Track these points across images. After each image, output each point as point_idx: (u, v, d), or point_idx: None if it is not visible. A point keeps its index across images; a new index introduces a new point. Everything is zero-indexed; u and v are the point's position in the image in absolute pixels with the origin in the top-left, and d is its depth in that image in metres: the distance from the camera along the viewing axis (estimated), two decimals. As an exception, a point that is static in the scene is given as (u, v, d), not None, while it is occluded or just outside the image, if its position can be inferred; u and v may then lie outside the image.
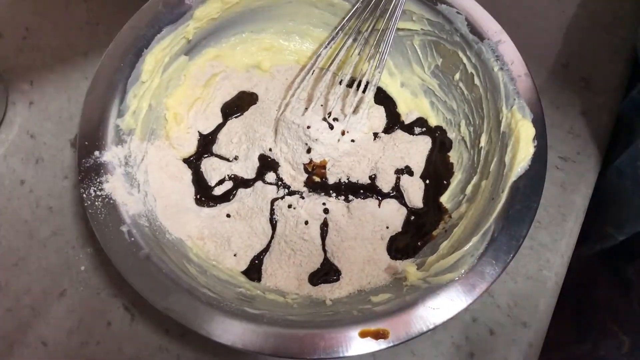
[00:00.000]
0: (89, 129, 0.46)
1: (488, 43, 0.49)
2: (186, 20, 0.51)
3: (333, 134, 0.50)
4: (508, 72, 0.48)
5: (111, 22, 0.59)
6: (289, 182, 0.50)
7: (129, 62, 0.48)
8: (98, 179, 0.44)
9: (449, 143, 0.53)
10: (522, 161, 0.45)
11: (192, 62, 0.54)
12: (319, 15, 0.56)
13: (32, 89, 0.56)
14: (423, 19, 0.52)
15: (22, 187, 0.52)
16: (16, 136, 0.54)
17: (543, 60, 0.59)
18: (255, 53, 0.56)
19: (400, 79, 0.56)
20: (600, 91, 0.57)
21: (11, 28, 0.59)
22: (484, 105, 0.49)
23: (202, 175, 0.51)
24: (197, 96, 0.53)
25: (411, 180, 0.51)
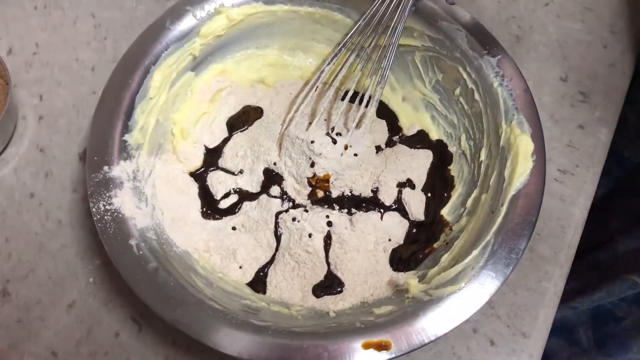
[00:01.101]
0: (98, 144, 0.47)
1: (488, 59, 0.50)
2: (192, 37, 0.52)
3: (336, 149, 0.51)
4: (507, 88, 0.49)
5: (118, 38, 0.61)
6: (293, 196, 0.51)
7: (137, 78, 0.49)
8: (107, 193, 0.45)
9: (450, 157, 0.54)
10: (521, 175, 0.46)
11: (199, 77, 0.55)
12: (322, 31, 0.57)
13: (42, 103, 0.58)
14: (424, 36, 0.53)
15: (32, 200, 0.53)
16: (26, 150, 0.56)
17: (543, 74, 0.60)
18: (259, 68, 0.57)
19: (402, 93, 0.57)
20: (598, 105, 0.58)
21: (21, 44, 0.60)
22: (484, 120, 0.50)
23: (208, 188, 0.52)
24: (204, 111, 0.55)
25: (413, 193, 0.52)
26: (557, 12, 0.63)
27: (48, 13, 0.62)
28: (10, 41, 0.61)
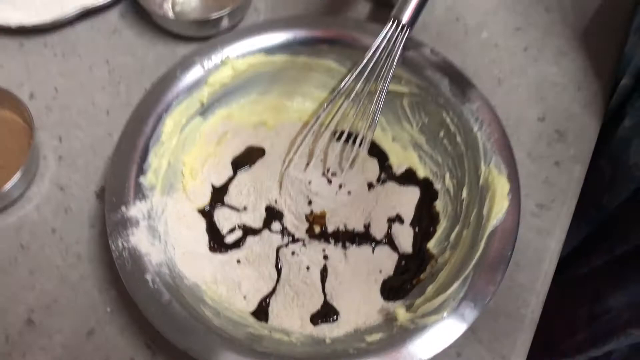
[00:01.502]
0: (116, 186, 0.52)
1: (468, 106, 0.56)
2: (201, 85, 0.57)
3: (331, 188, 0.56)
4: (486, 132, 0.54)
5: (130, 82, 0.66)
6: (292, 231, 0.56)
7: (151, 125, 0.55)
8: (125, 232, 0.50)
9: (435, 193, 0.59)
10: (497, 213, 0.51)
11: (206, 122, 0.60)
12: (318, 78, 0.62)
13: (61, 144, 0.63)
14: (411, 83, 0.59)
15: (53, 236, 0.58)
16: (47, 188, 0.60)
17: (522, 114, 0.65)
18: (261, 112, 0.63)
19: (392, 134, 0.62)
20: (573, 143, 0.63)
21: (42, 89, 0.65)
22: (465, 161, 0.56)
23: (215, 224, 0.57)
24: (211, 152, 0.60)
25: (401, 228, 0.57)
26: (535, 57, 0.68)
27: (66, 60, 0.67)
28: (31, 86, 0.66)
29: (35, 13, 0.67)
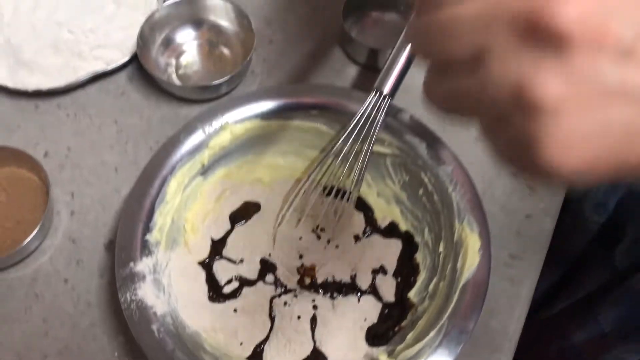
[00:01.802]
0: (124, 244, 0.57)
1: (444, 168, 0.61)
2: (202, 148, 0.63)
3: (320, 243, 0.62)
4: (460, 193, 0.60)
5: (137, 142, 0.72)
6: (285, 282, 0.62)
7: (156, 186, 0.60)
8: (133, 286, 0.55)
9: (416, 246, 0.64)
10: (470, 267, 0.56)
11: (206, 181, 0.66)
12: (309, 139, 0.68)
13: (73, 200, 0.68)
14: (393, 145, 0.65)
15: (65, 285, 0.63)
16: (60, 241, 0.66)
17: (496, 171, 0.70)
18: (257, 170, 0.68)
19: (377, 189, 0.68)
20: (543, 197, 0.69)
21: (56, 148, 0.71)
22: (442, 217, 0.61)
23: (214, 275, 0.62)
24: (210, 209, 0.65)
25: (385, 279, 0.62)
26: (508, 116, 0.74)
27: (78, 120, 0.73)
28: (46, 146, 0.71)
29: (50, 78, 0.73)
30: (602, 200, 0.62)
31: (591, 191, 0.65)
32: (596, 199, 0.63)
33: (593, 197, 0.64)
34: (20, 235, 0.63)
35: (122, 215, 0.59)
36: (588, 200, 0.65)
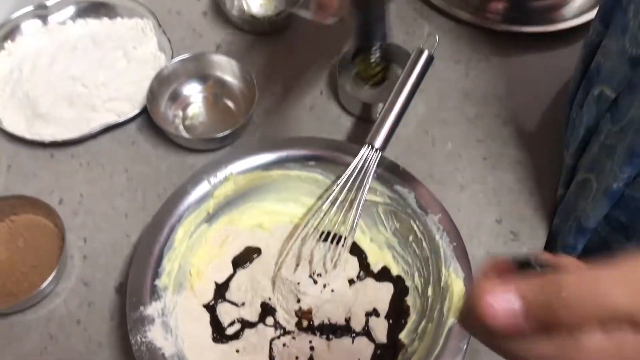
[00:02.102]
0: (135, 288, 0.62)
1: (431, 217, 0.66)
2: (207, 198, 0.68)
3: (317, 287, 0.66)
4: (446, 240, 0.65)
5: (146, 189, 0.77)
6: (284, 325, 0.66)
7: (165, 234, 0.65)
8: (143, 328, 0.59)
9: (406, 290, 0.68)
10: (455, 311, 0.61)
11: (211, 227, 0.70)
12: (307, 187, 0.73)
13: (86, 245, 0.73)
14: (384, 194, 0.70)
15: (78, 326, 0.67)
16: (73, 284, 0.70)
17: (481, 217, 0.75)
18: (258, 216, 0.73)
19: (370, 235, 0.73)
20: (526, 242, 0.73)
21: (70, 195, 0.76)
22: (430, 263, 0.66)
23: (218, 318, 0.66)
24: (214, 254, 0.70)
25: (377, 321, 0.66)
26: (493, 165, 0.79)
27: (90, 169, 0.78)
28: (60, 193, 0.76)
29: (65, 129, 0.78)
30: (572, 242, 0.66)
31: (563, 233, 0.69)
32: (566, 241, 0.68)
33: (563, 238, 0.69)
34: (37, 279, 0.67)
35: (133, 262, 0.63)
36: (559, 240, 0.70)
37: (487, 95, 0.85)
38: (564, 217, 0.70)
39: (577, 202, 0.66)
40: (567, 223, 0.68)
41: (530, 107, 0.84)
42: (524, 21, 0.90)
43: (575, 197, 0.67)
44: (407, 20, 0.93)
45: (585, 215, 0.63)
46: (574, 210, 0.67)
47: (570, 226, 0.67)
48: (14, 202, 0.71)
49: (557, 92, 0.85)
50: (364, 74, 0.61)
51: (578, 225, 0.65)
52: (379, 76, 0.66)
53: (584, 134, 0.64)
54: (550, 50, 0.90)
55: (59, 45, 0.85)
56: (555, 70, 0.87)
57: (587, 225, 0.63)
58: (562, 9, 0.92)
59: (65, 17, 0.89)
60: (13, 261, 0.69)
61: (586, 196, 0.63)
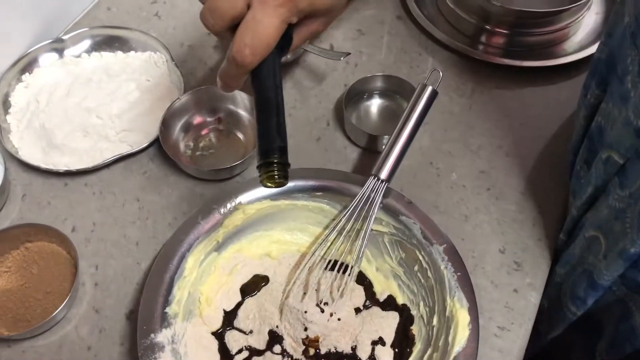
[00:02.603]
0: (146, 316, 0.63)
1: (436, 247, 0.68)
2: (217, 227, 0.70)
3: (324, 316, 0.67)
4: (451, 270, 0.66)
5: (157, 218, 0.79)
6: (291, 353, 0.67)
7: (175, 263, 0.67)
8: (153, 355, 0.61)
9: (412, 319, 0.69)
10: (460, 341, 0.62)
11: (220, 256, 0.72)
12: (314, 217, 0.75)
13: (97, 272, 0.74)
14: (390, 225, 0.71)
15: (88, 353, 0.69)
16: (85, 310, 0.71)
17: (485, 247, 0.76)
18: (266, 245, 0.75)
19: (375, 264, 0.74)
20: (529, 273, 0.74)
21: (83, 223, 0.78)
22: (435, 292, 0.67)
23: (226, 345, 0.67)
24: (223, 282, 0.71)
25: (383, 350, 0.67)
26: (496, 196, 0.81)
27: (103, 197, 0.80)
28: (73, 221, 0.78)
29: (79, 159, 0.81)
30: (582, 296, 0.67)
31: (570, 282, 0.70)
32: (575, 292, 0.68)
33: (572, 289, 0.69)
34: (49, 305, 0.69)
35: (144, 289, 0.65)
36: (566, 289, 0.71)
37: (490, 127, 0.87)
38: (570, 269, 0.71)
39: (585, 256, 0.67)
40: (573, 274, 0.69)
41: (533, 139, 0.86)
42: (525, 55, 0.92)
43: (582, 252, 0.68)
44: (411, 54, 0.96)
45: (599, 272, 0.63)
46: (581, 264, 0.68)
47: (579, 279, 0.68)
48: (28, 230, 0.73)
49: (559, 126, 0.87)
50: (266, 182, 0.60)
51: (590, 280, 0.65)
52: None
53: (592, 192, 0.66)
54: (552, 84, 0.92)
55: (75, 77, 0.88)
56: (556, 103, 0.89)
57: (601, 282, 0.63)
58: (563, 43, 0.94)
59: (80, 51, 0.92)
60: (27, 288, 0.70)
61: (595, 253, 0.64)
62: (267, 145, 0.58)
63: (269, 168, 0.57)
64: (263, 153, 0.58)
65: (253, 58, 0.56)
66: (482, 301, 0.71)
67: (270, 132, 0.57)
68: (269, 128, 0.58)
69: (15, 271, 0.72)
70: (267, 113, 0.58)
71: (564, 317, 0.71)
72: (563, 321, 0.72)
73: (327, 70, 0.93)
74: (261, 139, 0.58)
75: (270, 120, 0.58)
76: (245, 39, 0.55)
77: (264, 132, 0.58)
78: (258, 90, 0.59)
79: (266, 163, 0.57)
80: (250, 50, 0.55)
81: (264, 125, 0.58)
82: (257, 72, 0.58)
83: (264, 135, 0.58)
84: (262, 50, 0.56)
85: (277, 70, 0.60)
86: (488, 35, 0.95)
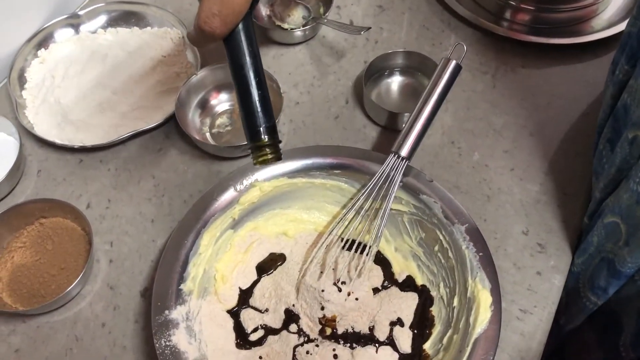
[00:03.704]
0: (160, 293, 0.62)
1: (458, 227, 0.66)
2: (233, 205, 0.69)
3: (341, 295, 0.66)
4: (472, 251, 0.64)
5: (172, 195, 0.78)
6: (307, 332, 0.65)
7: (191, 239, 0.65)
8: (167, 332, 0.60)
9: (431, 300, 0.68)
10: (482, 322, 0.60)
11: (236, 234, 0.71)
12: (331, 195, 0.73)
13: (112, 249, 0.74)
14: (410, 204, 0.69)
15: (103, 329, 0.68)
16: (99, 287, 0.71)
17: (508, 228, 0.74)
18: (283, 224, 0.73)
19: (394, 245, 0.72)
20: (553, 255, 0.72)
21: (97, 199, 0.77)
22: (456, 273, 0.65)
23: (241, 323, 0.66)
24: (239, 260, 0.70)
25: (402, 330, 0.66)
26: (520, 176, 0.78)
27: (118, 174, 0.79)
28: (88, 197, 0.77)
29: (94, 135, 0.80)
30: (603, 285, 0.65)
31: (589, 271, 0.68)
32: (595, 281, 0.66)
33: (592, 278, 0.67)
34: (64, 281, 0.68)
35: (159, 266, 0.64)
36: (585, 278, 0.68)
37: (514, 106, 0.85)
38: (587, 258, 0.68)
39: (603, 244, 0.64)
40: (592, 263, 0.67)
41: (558, 119, 0.83)
42: (552, 33, 0.89)
43: (599, 239, 0.65)
44: (433, 30, 0.93)
45: (621, 259, 0.61)
46: (600, 252, 0.65)
47: (599, 267, 0.65)
48: (43, 206, 0.72)
49: (587, 106, 0.84)
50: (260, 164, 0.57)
51: (611, 268, 0.63)
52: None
53: (615, 174, 0.63)
54: (579, 62, 0.89)
55: (91, 53, 0.87)
56: (583, 82, 0.86)
57: (624, 270, 0.61)
58: (591, 20, 0.91)
59: (96, 26, 0.91)
60: (41, 263, 0.70)
61: (615, 240, 0.61)
62: (253, 126, 0.54)
63: (260, 151, 0.55)
64: (252, 136, 0.55)
65: (223, 28, 0.51)
66: (504, 284, 0.69)
67: (254, 109, 0.54)
68: (252, 104, 0.54)
69: (29, 246, 0.71)
70: (247, 86, 0.54)
71: (583, 308, 0.69)
72: (582, 312, 0.69)
73: (347, 47, 0.91)
74: (246, 118, 0.54)
75: (252, 95, 0.54)
76: (213, 8, 0.49)
77: (247, 110, 0.54)
78: (233, 61, 0.54)
79: (256, 146, 0.55)
80: (221, 20, 0.50)
81: (246, 102, 0.54)
82: (229, 41, 0.53)
83: (249, 114, 0.54)
84: (233, 19, 0.51)
85: (252, 34, 0.54)
86: (513, 11, 0.92)
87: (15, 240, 0.71)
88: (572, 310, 0.71)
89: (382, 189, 0.68)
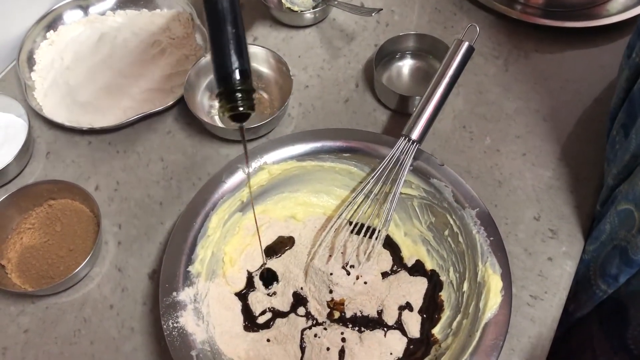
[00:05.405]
0: (168, 274, 0.62)
1: (469, 211, 0.65)
2: (242, 187, 0.68)
3: (350, 279, 0.65)
4: (483, 235, 0.63)
5: (181, 178, 0.77)
6: (315, 315, 0.65)
7: (199, 221, 0.65)
8: (175, 314, 0.59)
9: (441, 284, 0.67)
10: (492, 307, 0.59)
11: (245, 216, 0.70)
12: (340, 179, 0.72)
13: (120, 231, 0.73)
14: (420, 188, 0.68)
15: (111, 311, 0.68)
16: (107, 269, 0.71)
17: (519, 214, 0.73)
18: (292, 207, 0.73)
19: (404, 229, 0.72)
20: (565, 241, 0.71)
21: (106, 182, 0.77)
22: (466, 258, 0.64)
23: (249, 306, 0.66)
24: (248, 243, 0.70)
25: (410, 315, 0.65)
26: (532, 161, 0.77)
27: (127, 157, 0.79)
28: (97, 180, 0.77)
29: (103, 117, 0.79)
30: (614, 273, 0.63)
31: (600, 259, 0.66)
32: (606, 269, 0.65)
33: (603, 266, 0.66)
34: (72, 263, 0.68)
35: (167, 248, 0.63)
36: (596, 266, 0.67)
37: (527, 91, 0.83)
38: (599, 246, 0.67)
39: (616, 231, 0.63)
40: (604, 251, 0.66)
41: (572, 104, 0.82)
42: (566, 16, 0.88)
43: (612, 226, 0.64)
44: (445, 13, 0.92)
45: (634, 247, 0.59)
46: (612, 240, 0.64)
47: (610, 255, 0.64)
48: (52, 187, 0.72)
49: (600, 90, 0.83)
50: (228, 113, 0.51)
51: (624, 256, 0.62)
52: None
53: (629, 160, 0.62)
54: (593, 47, 0.88)
55: (100, 35, 0.86)
56: (598, 67, 0.85)
57: (636, 257, 0.60)
58: (606, 3, 0.89)
59: (105, 8, 0.90)
60: (50, 245, 0.70)
61: (628, 227, 0.60)
62: (224, 68, 0.47)
63: (230, 97, 0.48)
64: (221, 79, 0.47)
65: None
66: (515, 269, 0.68)
67: (226, 50, 0.46)
68: (225, 44, 0.47)
69: (38, 228, 0.71)
70: (220, 23, 0.47)
71: (592, 295, 0.68)
72: (592, 300, 0.68)
73: (357, 30, 0.90)
74: (217, 59, 0.47)
75: (225, 33, 0.46)
76: None
77: (218, 50, 0.47)
78: None
79: (227, 91, 0.48)
80: None
81: (217, 41, 0.47)
82: None
83: (220, 54, 0.47)
84: None
85: None
86: (527, -6, 0.90)
87: (24, 221, 0.71)
88: (582, 298, 0.70)
89: (392, 172, 0.67)
